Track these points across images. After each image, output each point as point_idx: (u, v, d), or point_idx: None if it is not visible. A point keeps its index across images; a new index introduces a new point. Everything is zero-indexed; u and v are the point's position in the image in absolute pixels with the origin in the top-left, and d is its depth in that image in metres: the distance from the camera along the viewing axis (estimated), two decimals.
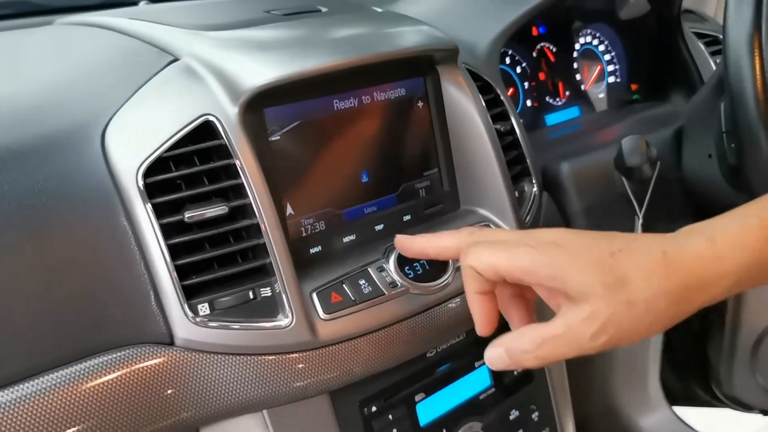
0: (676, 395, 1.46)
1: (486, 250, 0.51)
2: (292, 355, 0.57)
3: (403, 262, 0.63)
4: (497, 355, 0.51)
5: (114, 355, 0.52)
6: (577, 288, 0.47)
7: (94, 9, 0.90)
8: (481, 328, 0.54)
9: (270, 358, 0.57)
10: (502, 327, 0.54)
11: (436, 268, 0.64)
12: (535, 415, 0.77)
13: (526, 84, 0.96)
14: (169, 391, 0.54)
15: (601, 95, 1.05)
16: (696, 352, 1.41)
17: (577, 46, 1.03)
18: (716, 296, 0.49)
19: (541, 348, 0.48)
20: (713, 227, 0.50)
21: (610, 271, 0.47)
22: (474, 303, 0.53)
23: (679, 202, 0.84)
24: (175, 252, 0.54)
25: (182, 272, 0.54)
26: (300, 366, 0.58)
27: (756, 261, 0.48)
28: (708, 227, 0.50)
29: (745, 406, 1.41)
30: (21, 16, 0.92)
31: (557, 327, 0.48)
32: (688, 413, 1.46)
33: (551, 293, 0.50)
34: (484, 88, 0.75)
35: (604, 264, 0.47)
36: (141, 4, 0.91)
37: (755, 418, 1.44)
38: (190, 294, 0.55)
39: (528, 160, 0.76)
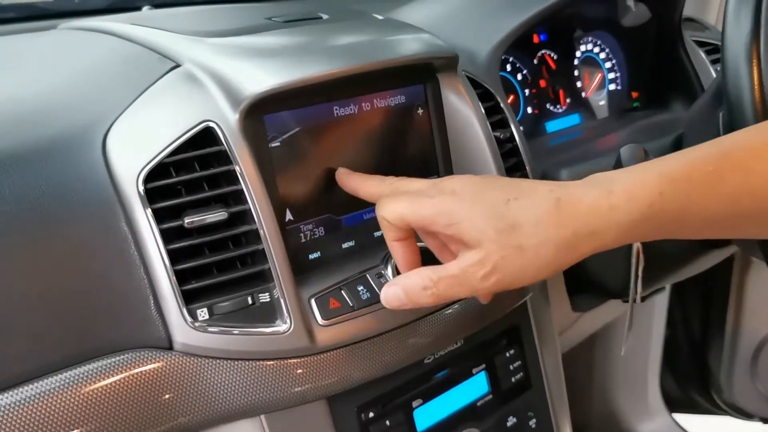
0: (676, 402, 1.46)
1: (394, 202, 0.54)
2: (290, 361, 0.58)
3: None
4: (393, 293, 0.54)
5: (112, 360, 0.53)
6: (471, 234, 0.50)
7: (98, 13, 0.91)
8: (405, 270, 0.57)
9: (268, 363, 0.57)
10: None
11: None
12: (532, 422, 0.77)
13: (526, 91, 0.97)
14: (167, 396, 0.54)
15: (602, 103, 1.05)
16: (696, 359, 1.41)
17: (578, 54, 1.03)
18: (605, 244, 0.50)
19: (437, 285, 0.52)
20: (613, 178, 0.51)
21: (503, 217, 0.50)
22: (393, 249, 0.57)
23: None
24: (174, 257, 0.54)
25: (182, 277, 0.55)
26: (298, 371, 0.58)
27: (647, 214, 0.49)
28: (609, 177, 0.52)
29: (745, 414, 1.41)
30: (25, 20, 0.92)
31: (452, 268, 0.51)
32: (687, 420, 1.46)
33: (450, 239, 0.53)
34: (484, 95, 0.75)
35: (497, 211, 0.50)
36: (144, 9, 0.92)
37: (755, 426, 1.43)
38: (190, 299, 0.55)
39: (527, 168, 0.76)
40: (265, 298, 0.57)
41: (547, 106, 0.99)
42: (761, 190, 0.49)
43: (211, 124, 0.56)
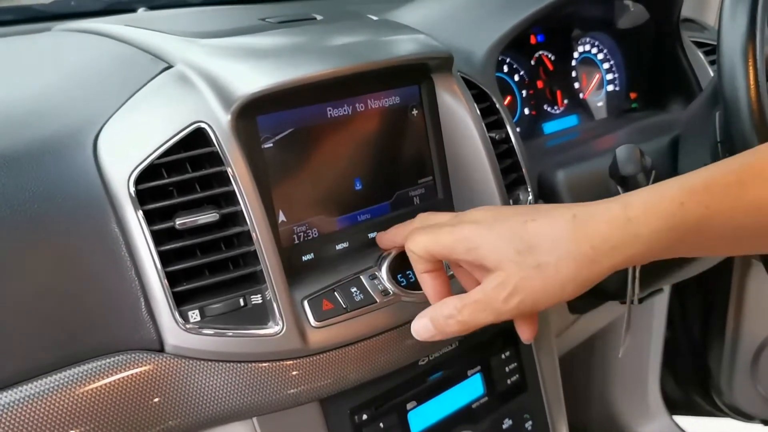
0: (676, 404, 1.46)
1: (419, 235, 0.56)
2: (282, 363, 0.57)
3: (396, 269, 0.63)
4: (422, 325, 0.56)
5: (102, 362, 0.52)
6: (491, 257, 0.51)
7: (94, 16, 0.91)
8: (434, 302, 0.57)
9: (260, 365, 0.57)
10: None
11: None
12: (528, 424, 0.77)
13: (524, 92, 0.96)
14: (156, 399, 0.54)
15: (600, 103, 1.05)
16: (696, 361, 1.40)
17: (575, 55, 1.03)
18: (628, 259, 0.49)
19: (462, 313, 0.53)
20: (631, 194, 0.51)
21: (520, 239, 0.51)
22: (422, 281, 0.58)
23: None
24: (165, 259, 0.54)
25: (173, 279, 0.54)
26: (291, 373, 0.58)
27: (668, 226, 0.48)
28: (627, 194, 0.51)
29: (745, 416, 1.40)
30: (22, 22, 0.92)
31: (475, 294, 0.52)
32: (688, 422, 1.45)
33: (474, 267, 0.55)
34: (479, 96, 0.75)
35: (515, 233, 0.51)
36: (139, 11, 0.92)
37: (756, 428, 1.43)
38: (181, 301, 0.55)
39: (523, 169, 0.76)
40: (257, 299, 0.56)
41: (545, 107, 0.99)
42: None
43: (203, 125, 0.56)
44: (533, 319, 0.58)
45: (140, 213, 0.54)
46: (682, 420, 1.45)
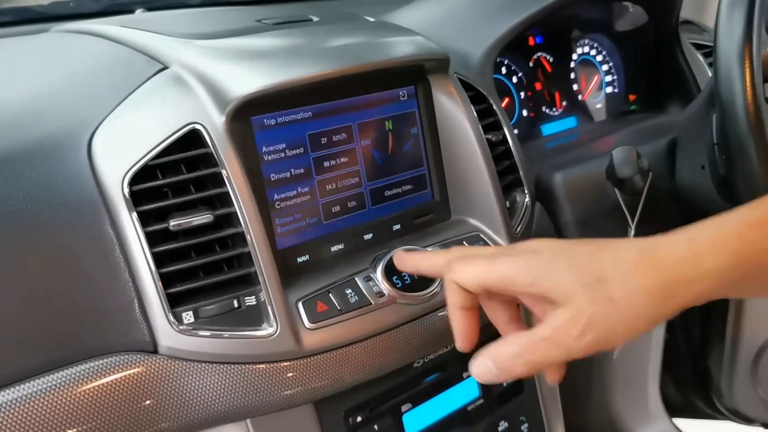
0: (676, 407, 1.45)
1: (469, 265, 0.51)
2: (276, 364, 0.57)
3: (391, 271, 0.63)
4: (483, 366, 0.49)
5: (95, 363, 0.52)
6: (557, 290, 0.47)
7: (92, 17, 0.91)
8: (462, 344, 0.53)
9: (254, 366, 0.57)
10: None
11: (424, 277, 0.63)
12: (524, 427, 0.76)
13: (522, 94, 0.96)
14: (149, 401, 0.54)
15: (599, 105, 1.05)
16: (696, 364, 1.40)
17: (574, 56, 1.03)
18: (701, 295, 0.47)
19: (530, 352, 0.48)
20: (693, 228, 0.49)
21: (588, 270, 0.47)
22: (455, 318, 0.53)
23: (672, 213, 0.83)
24: (159, 260, 0.54)
25: (167, 280, 0.54)
26: (285, 375, 0.58)
27: (736, 263, 0.47)
28: (688, 229, 0.49)
29: (745, 419, 1.40)
30: (21, 23, 0.92)
31: (543, 330, 0.47)
32: (688, 425, 1.45)
33: (535, 300, 0.50)
34: (476, 98, 0.75)
35: (582, 264, 0.47)
36: (137, 12, 0.92)
37: (756, 431, 1.43)
38: (175, 302, 0.55)
39: (520, 171, 0.76)
40: (251, 301, 0.56)
41: (543, 108, 0.99)
42: None
43: (198, 126, 0.56)
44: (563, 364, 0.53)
45: (134, 214, 0.54)
46: (682, 423, 1.45)
